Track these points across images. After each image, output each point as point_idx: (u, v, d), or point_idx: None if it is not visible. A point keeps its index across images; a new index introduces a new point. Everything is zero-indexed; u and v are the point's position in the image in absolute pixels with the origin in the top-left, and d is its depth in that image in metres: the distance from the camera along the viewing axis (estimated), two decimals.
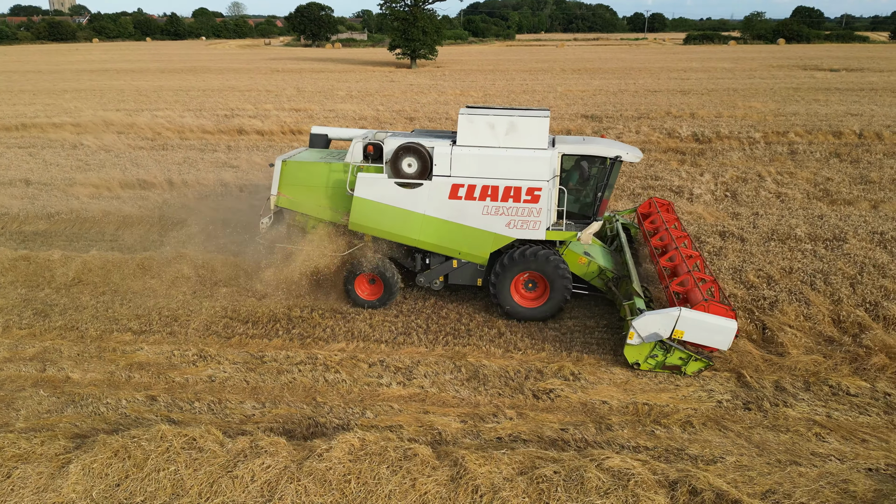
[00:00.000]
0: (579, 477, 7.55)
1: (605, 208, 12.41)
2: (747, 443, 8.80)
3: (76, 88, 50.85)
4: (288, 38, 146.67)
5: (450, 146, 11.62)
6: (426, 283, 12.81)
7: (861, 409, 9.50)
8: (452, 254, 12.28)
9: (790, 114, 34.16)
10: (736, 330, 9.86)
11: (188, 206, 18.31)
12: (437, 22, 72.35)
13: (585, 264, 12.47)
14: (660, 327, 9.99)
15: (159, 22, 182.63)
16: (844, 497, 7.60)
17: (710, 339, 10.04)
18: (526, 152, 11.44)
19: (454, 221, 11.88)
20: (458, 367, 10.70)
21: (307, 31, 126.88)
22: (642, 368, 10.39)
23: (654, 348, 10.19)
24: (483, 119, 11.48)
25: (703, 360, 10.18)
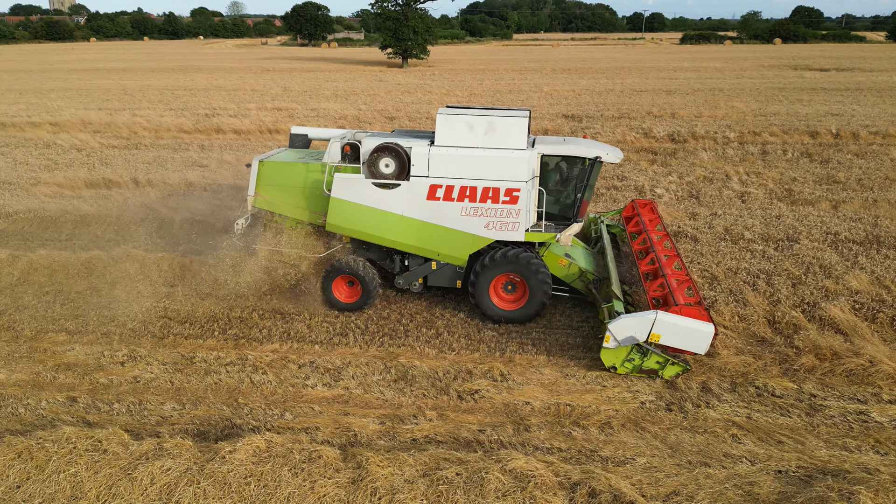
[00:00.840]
0: (480, 479, 7.51)
1: (585, 209, 12.25)
2: (662, 444, 8.75)
3: (63, 88, 50.86)
4: (285, 37, 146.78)
5: (428, 146, 11.50)
6: (405, 284, 12.69)
7: (783, 411, 9.45)
8: (431, 255, 12.14)
9: (770, 114, 34.08)
10: (713, 333, 9.69)
11: (147, 206, 18.29)
12: (428, 21, 72.28)
13: (566, 266, 12.36)
14: (636, 331, 9.84)
15: (157, 21, 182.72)
16: (747, 499, 7.54)
17: (686, 343, 9.87)
18: (504, 153, 11.31)
19: (432, 222, 11.76)
20: (388, 368, 10.66)
21: (303, 31, 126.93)
22: (619, 372, 10.22)
23: (631, 352, 10.03)
24: (461, 119, 11.38)
25: (680, 363, 10.01)
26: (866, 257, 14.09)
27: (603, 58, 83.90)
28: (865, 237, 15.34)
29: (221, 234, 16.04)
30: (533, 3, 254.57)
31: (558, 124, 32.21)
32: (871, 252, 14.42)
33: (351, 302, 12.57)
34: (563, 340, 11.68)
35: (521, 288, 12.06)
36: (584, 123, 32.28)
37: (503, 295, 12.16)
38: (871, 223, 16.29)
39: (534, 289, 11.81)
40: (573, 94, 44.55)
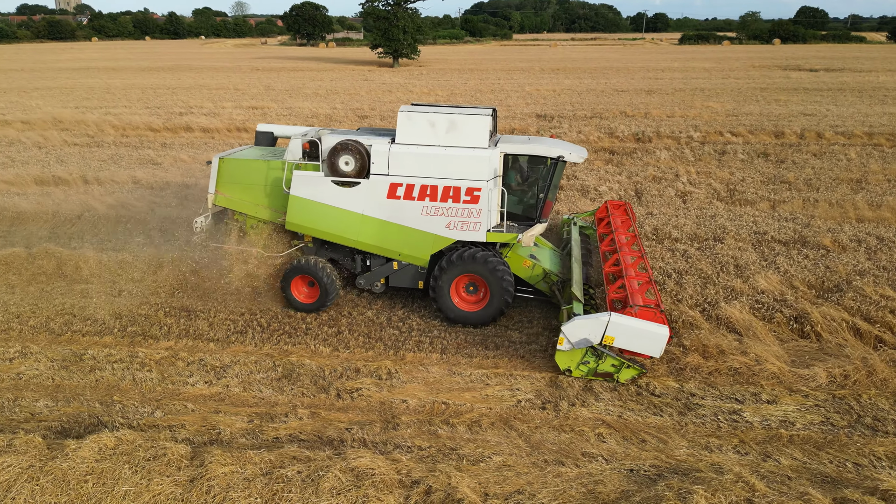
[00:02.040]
0: (318, 477, 7.49)
1: (549, 210, 12.01)
2: (525, 443, 8.69)
3: (48, 87, 51.09)
4: (285, 37, 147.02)
5: (388, 144, 11.34)
6: (366, 285, 12.50)
7: (657, 410, 9.38)
8: (392, 255, 11.96)
9: (743, 114, 33.93)
10: (668, 336, 9.45)
11: (86, 203, 18.33)
12: (418, 21, 72.25)
13: (530, 267, 12.18)
14: (589, 333, 9.61)
15: (159, 21, 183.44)
16: (588, 497, 7.50)
17: (640, 346, 9.60)
18: (465, 151, 11.12)
19: (393, 222, 11.58)
20: (276, 366, 10.64)
21: (302, 31, 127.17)
22: (574, 375, 10.01)
23: (586, 355, 9.81)
24: (423, 117, 11.20)
25: (636, 367, 9.79)
26: (786, 257, 13.98)
27: (596, 58, 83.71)
28: (792, 237, 15.23)
29: (153, 231, 16.20)
30: (536, 3, 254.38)
31: (529, 123, 32.15)
32: (791, 252, 14.31)
33: (309, 303, 12.39)
34: (463, 339, 11.64)
35: (483, 289, 11.86)
36: (554, 123, 32.22)
37: (465, 296, 11.98)
38: (804, 223, 16.17)
39: (494, 290, 11.59)
40: (553, 94, 44.45)
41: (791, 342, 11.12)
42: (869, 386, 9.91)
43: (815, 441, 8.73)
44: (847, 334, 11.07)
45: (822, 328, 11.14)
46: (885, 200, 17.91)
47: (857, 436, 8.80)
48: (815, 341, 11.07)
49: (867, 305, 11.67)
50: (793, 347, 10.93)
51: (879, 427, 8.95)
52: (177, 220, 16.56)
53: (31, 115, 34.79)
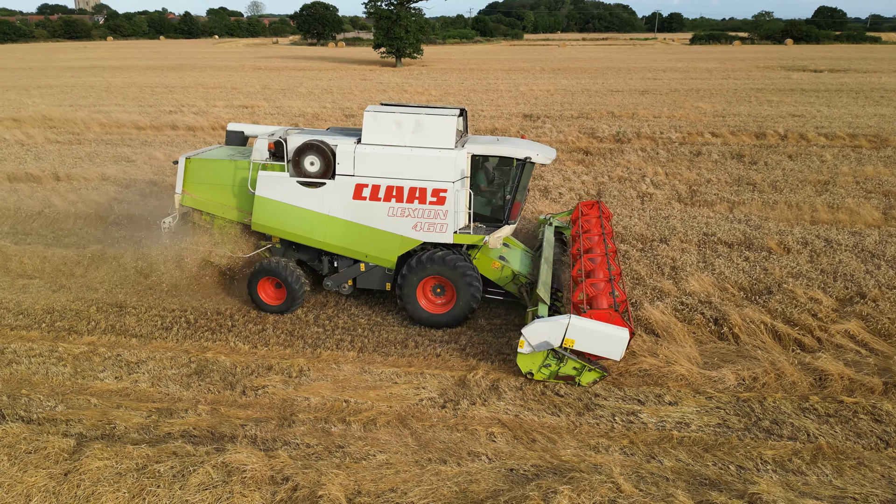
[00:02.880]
0: (189, 472, 7.57)
1: (517, 211, 11.88)
2: (415, 441, 8.71)
3: (51, 85, 51.83)
4: (297, 37, 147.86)
5: (354, 144, 11.24)
6: (334, 286, 12.40)
7: (556, 410, 9.37)
8: (359, 256, 11.84)
9: (731, 115, 33.64)
10: (628, 339, 9.34)
11: (48, 200, 18.59)
12: (421, 21, 72.35)
13: (499, 269, 12.09)
14: (550, 335, 9.49)
15: (174, 21, 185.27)
16: (458, 496, 7.54)
17: (601, 349, 9.46)
18: (431, 152, 11.01)
19: (359, 223, 11.47)
20: (190, 362, 10.75)
21: (312, 31, 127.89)
22: (536, 378, 9.89)
23: (547, 357, 9.67)
24: (389, 117, 11.11)
25: (597, 370, 9.67)
26: (726, 259, 13.86)
27: (601, 58, 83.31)
28: (740, 239, 15.09)
29: (107, 227, 16.43)
30: (550, 3, 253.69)
31: (514, 123, 32.11)
32: (733, 254, 14.19)
33: (276, 304, 12.35)
34: (385, 338, 11.68)
35: (450, 291, 11.77)
36: (538, 122, 32.14)
37: (432, 298, 11.90)
38: (755, 225, 16.01)
39: (461, 292, 11.50)
40: (546, 94, 44.34)
41: (709, 344, 11.04)
42: (777, 389, 9.83)
43: (705, 443, 8.67)
44: (766, 337, 10.97)
45: (740, 330, 11.05)
46: (844, 202, 17.69)
47: (750, 439, 8.73)
48: (734, 343, 10.99)
49: (792, 308, 11.55)
50: (709, 349, 10.85)
51: (775, 431, 8.87)
52: (132, 217, 16.84)
53: (22, 113, 35.30)
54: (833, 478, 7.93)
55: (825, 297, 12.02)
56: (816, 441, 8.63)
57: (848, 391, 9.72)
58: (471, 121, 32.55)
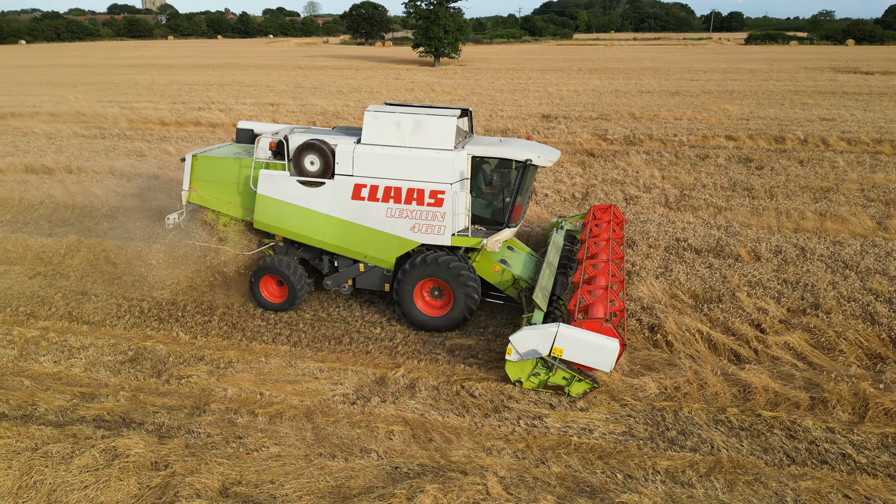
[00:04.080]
0: (77, 455, 7.88)
1: (518, 214, 11.62)
2: (313, 436, 8.85)
3: (99, 82, 54.13)
4: (347, 36, 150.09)
5: (353, 144, 11.23)
6: (333, 286, 12.35)
7: (463, 411, 9.36)
8: (358, 257, 11.80)
9: (757, 117, 32.58)
10: (619, 350, 8.99)
11: (51, 191, 19.49)
12: (460, 20, 72.44)
13: (499, 272, 11.83)
14: (538, 344, 9.27)
15: (231, 21, 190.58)
16: (332, 490, 7.67)
17: (590, 359, 9.15)
18: (429, 153, 10.90)
19: (357, 223, 11.44)
20: (129, 350, 11.16)
21: (360, 30, 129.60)
22: (525, 387, 9.67)
23: (536, 366, 9.44)
24: (389, 117, 11.02)
25: (587, 381, 9.36)
26: (688, 266, 13.49)
27: (644, 58, 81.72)
28: (711, 246, 14.65)
29: (97, 218, 17.15)
30: (605, 2, 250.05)
31: (528, 123, 31.87)
32: (698, 261, 13.79)
33: (278, 302, 12.43)
34: (323, 333, 11.87)
35: (447, 294, 11.61)
36: (552, 123, 31.80)
37: (430, 301, 11.81)
38: (733, 232, 15.52)
39: (457, 296, 11.34)
40: (573, 94, 43.84)
41: (642, 351, 10.81)
42: (698, 399, 9.57)
43: (602, 450, 8.53)
44: (700, 346, 10.68)
45: (674, 338, 10.77)
46: (838, 211, 16.96)
47: (650, 448, 8.54)
48: (666, 352, 10.73)
49: (735, 318, 11.19)
50: (640, 357, 10.63)
51: (679, 441, 8.65)
52: (123, 209, 17.54)
53: (60, 108, 37.02)
54: (722, 492, 7.70)
55: (776, 307, 11.60)
56: (718, 454, 8.38)
57: (771, 405, 9.39)
58: (488, 120, 32.48)
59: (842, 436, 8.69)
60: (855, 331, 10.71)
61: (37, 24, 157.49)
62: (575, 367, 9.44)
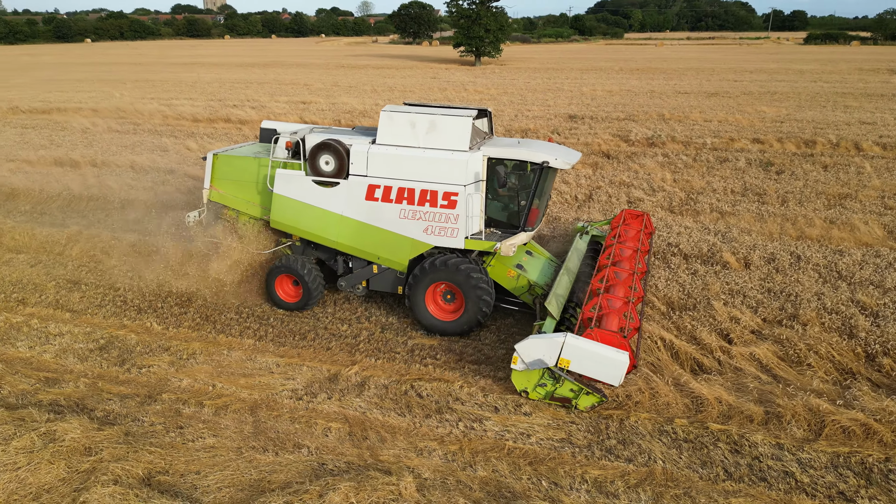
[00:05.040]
0: (17, 436, 8.20)
1: (535, 218, 11.36)
2: (252, 429, 8.95)
3: (146, 79, 56.05)
4: (396, 35, 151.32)
5: (368, 145, 11.15)
6: (347, 287, 12.28)
7: (405, 411, 9.31)
8: (371, 258, 11.72)
9: (792, 120, 31.44)
10: (628, 364, 8.58)
11: (69, 184, 20.29)
12: (502, 20, 72.09)
13: (514, 277, 11.52)
14: (544, 354, 8.89)
15: (286, 21, 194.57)
16: (252, 484, 7.79)
17: (598, 372, 8.76)
18: (443, 154, 10.72)
19: (371, 224, 11.35)
20: (101, 338, 11.52)
21: (408, 29, 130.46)
22: (532, 398, 9.33)
23: (543, 376, 9.09)
24: (404, 117, 10.88)
25: (596, 394, 8.96)
26: (671, 272, 13.12)
27: (692, 58, 79.74)
28: (703, 252, 14.21)
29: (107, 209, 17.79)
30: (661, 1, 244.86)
31: (552, 124, 31.53)
32: (682, 267, 13.40)
33: (293, 302, 12.44)
34: (290, 328, 12.01)
35: (459, 299, 11.38)
36: (575, 124, 31.38)
37: (443, 305, 11.59)
38: (730, 238, 15.02)
39: (469, 300, 11.07)
40: (606, 95, 43.14)
41: None
42: (650, 409, 9.31)
43: (535, 455, 8.38)
44: (663, 354, 10.37)
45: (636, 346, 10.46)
46: (850, 218, 16.21)
47: (584, 456, 8.35)
48: None
49: (704, 327, 10.84)
50: None
51: (617, 451, 8.43)
52: (133, 201, 18.19)
53: (103, 104, 38.49)
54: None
55: (751, 316, 11.18)
56: (653, 465, 8.14)
57: (724, 417, 9.05)
58: (513, 120, 32.28)
59: (790, 453, 8.31)
60: (828, 344, 10.22)
61: (102, 24, 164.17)
62: (585, 380, 9.03)
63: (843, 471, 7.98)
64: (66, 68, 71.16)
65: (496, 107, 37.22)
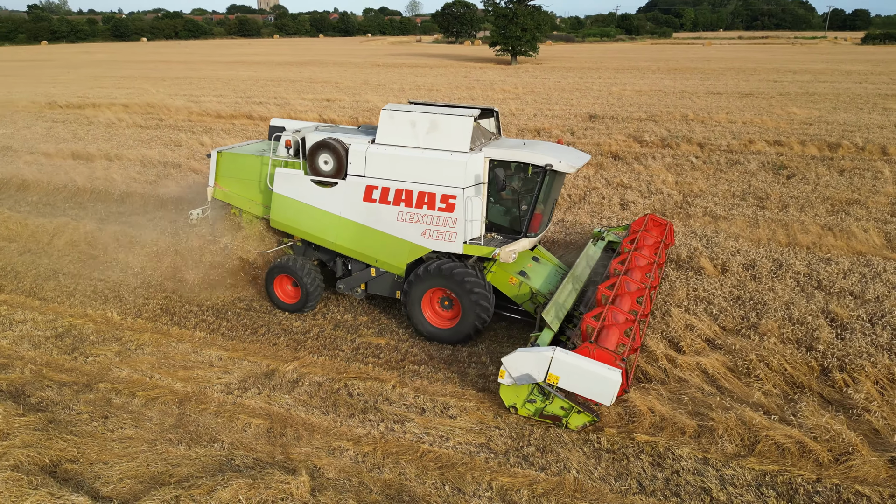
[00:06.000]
0: None
1: (539, 223, 10.78)
2: (174, 421, 8.99)
3: (185, 76, 57.52)
4: (440, 35, 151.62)
5: (367, 144, 10.83)
6: (346, 290, 12.00)
7: (330, 410, 9.24)
8: (369, 261, 11.40)
9: (822, 122, 30.15)
10: (620, 383, 8.05)
11: (74, 176, 20.90)
12: (539, 18, 71.33)
13: (516, 285, 10.99)
14: (532, 368, 8.42)
15: (333, 20, 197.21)
16: (155, 475, 7.86)
17: (588, 390, 8.26)
18: (442, 154, 10.28)
19: (369, 226, 11.03)
20: (60, 326, 11.79)
21: (451, 29, 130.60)
22: (521, 414, 8.84)
23: (532, 392, 8.62)
24: (405, 116, 10.50)
25: (587, 414, 8.42)
26: None
27: (737, 58, 77.38)
28: (681, 256, 13.70)
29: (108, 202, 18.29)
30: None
31: (570, 123, 30.98)
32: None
33: (291, 303, 12.21)
34: (243, 322, 12.05)
35: (457, 306, 10.87)
36: (591, 124, 30.76)
37: (440, 311, 11.15)
38: (713, 243, 14.41)
39: (466, 308, 10.60)
40: (634, 95, 42.21)
41: None
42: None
43: (448, 460, 8.18)
44: None
45: None
46: (848, 225, 15.39)
47: (497, 463, 8.11)
48: None
49: (656, 334, 10.41)
50: None
51: (532, 458, 8.16)
52: (132, 194, 18.64)
53: (134, 100, 39.62)
54: None
55: (709, 325, 10.69)
56: (565, 475, 7.84)
57: (656, 429, 8.66)
58: (531, 120, 31.85)
59: (714, 468, 7.90)
60: (782, 356, 9.69)
61: (158, 23, 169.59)
62: (580, 398, 8.56)
63: (766, 490, 7.53)
64: (115, 65, 73.68)
65: (519, 106, 36.82)
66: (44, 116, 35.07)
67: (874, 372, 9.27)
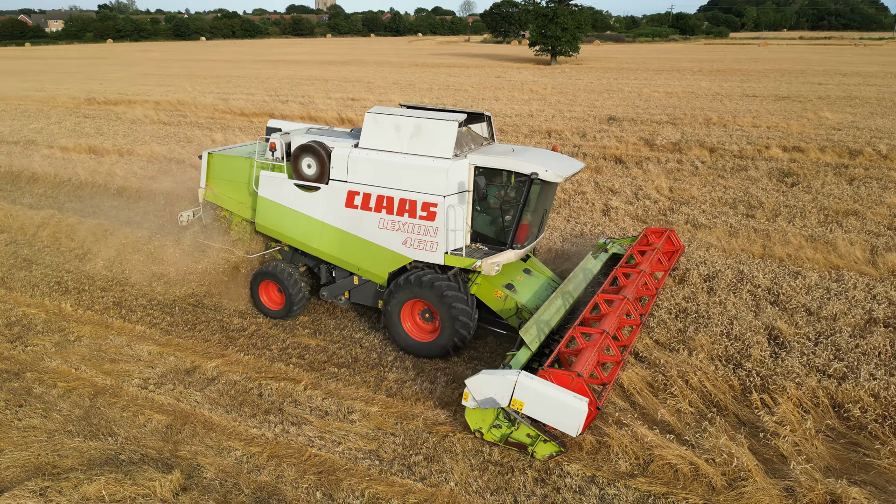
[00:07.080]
0: None
1: (526, 235, 10.33)
2: (82, 413, 9.20)
3: (227, 75, 58.95)
4: (488, 34, 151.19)
5: (350, 148, 10.55)
6: (329, 297, 11.74)
7: (236, 408, 9.31)
8: (351, 269, 11.06)
9: (854, 128, 28.71)
10: (587, 413, 7.56)
11: (79, 170, 21.66)
12: (580, 18, 70.29)
13: (501, 299, 10.46)
14: (496, 392, 7.94)
15: (385, 20, 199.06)
16: (41, 466, 8.05)
17: (553, 418, 7.75)
18: (424, 160, 9.89)
19: (351, 233, 10.72)
20: (13, 315, 12.22)
21: (499, 28, 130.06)
22: (487, 439, 8.31)
23: (498, 417, 8.14)
24: (389, 120, 10.18)
25: (554, 443, 7.87)
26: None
27: (790, 59, 74.49)
28: None
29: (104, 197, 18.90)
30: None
31: (585, 125, 30.39)
32: None
33: (275, 309, 11.97)
34: (186, 318, 12.20)
35: (437, 318, 10.41)
36: (607, 126, 30.10)
37: (421, 324, 10.71)
38: (685, 253, 13.87)
39: (444, 321, 10.14)
40: (664, 97, 41.10)
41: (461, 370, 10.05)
42: None
43: (331, 465, 8.13)
44: None
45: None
46: (834, 238, 14.59)
47: (378, 471, 8.01)
48: None
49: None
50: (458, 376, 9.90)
51: (417, 468, 8.02)
52: (128, 189, 19.23)
53: (165, 97, 40.83)
54: None
55: (643, 338, 10.28)
56: (441, 487, 7.68)
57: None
58: (547, 121, 31.39)
59: (599, 487, 7.60)
60: (703, 373, 9.24)
61: (216, 23, 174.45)
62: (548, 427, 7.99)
63: None
64: (165, 64, 76.14)
65: (540, 107, 36.34)
66: (78, 112, 36.50)
67: (797, 394, 8.75)
